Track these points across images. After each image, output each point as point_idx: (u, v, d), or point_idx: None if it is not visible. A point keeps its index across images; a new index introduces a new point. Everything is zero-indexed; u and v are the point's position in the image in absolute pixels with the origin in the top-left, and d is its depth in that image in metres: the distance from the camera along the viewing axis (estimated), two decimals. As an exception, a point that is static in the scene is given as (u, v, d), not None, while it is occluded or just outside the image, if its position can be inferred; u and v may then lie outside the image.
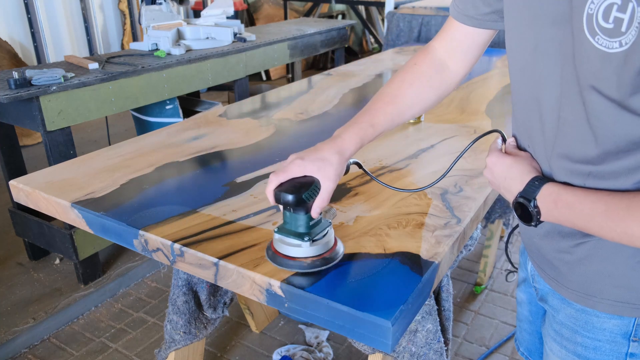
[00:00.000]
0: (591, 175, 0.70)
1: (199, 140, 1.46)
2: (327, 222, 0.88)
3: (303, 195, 0.80)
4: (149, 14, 2.72)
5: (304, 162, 0.84)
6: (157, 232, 0.97)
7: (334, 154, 0.85)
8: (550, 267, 0.84)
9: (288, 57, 3.43)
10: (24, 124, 2.12)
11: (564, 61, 0.68)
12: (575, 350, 0.85)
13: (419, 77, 0.96)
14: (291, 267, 0.84)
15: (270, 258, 0.87)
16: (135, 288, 2.39)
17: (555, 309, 0.87)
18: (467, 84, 2.09)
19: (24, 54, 4.23)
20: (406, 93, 0.95)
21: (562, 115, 0.71)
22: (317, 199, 0.82)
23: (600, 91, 0.62)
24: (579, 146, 0.70)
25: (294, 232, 0.84)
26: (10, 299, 2.29)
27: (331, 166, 0.84)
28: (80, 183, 1.18)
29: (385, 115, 0.93)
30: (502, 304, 2.26)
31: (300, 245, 0.84)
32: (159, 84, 2.52)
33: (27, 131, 3.95)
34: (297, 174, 0.83)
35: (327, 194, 0.84)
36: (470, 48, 0.95)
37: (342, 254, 0.89)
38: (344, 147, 0.87)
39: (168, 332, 1.49)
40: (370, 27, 6.12)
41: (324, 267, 0.84)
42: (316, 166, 0.83)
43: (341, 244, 0.91)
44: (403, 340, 1.10)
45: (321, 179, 0.83)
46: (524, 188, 0.75)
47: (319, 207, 0.83)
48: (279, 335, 2.06)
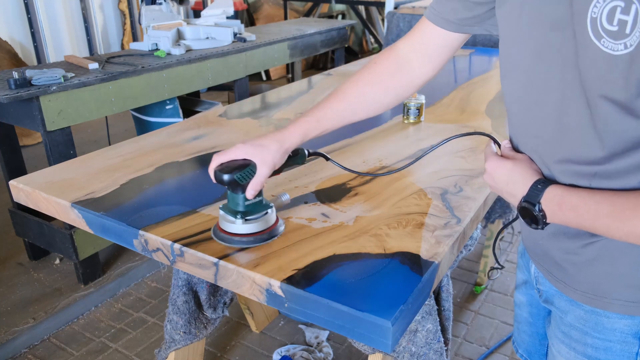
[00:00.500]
0: (597, 176, 0.70)
1: (199, 140, 1.46)
2: (268, 206, 0.95)
3: (235, 176, 0.88)
4: (149, 14, 2.72)
5: (244, 146, 0.91)
6: (157, 232, 0.97)
7: (274, 142, 0.92)
8: (558, 268, 0.84)
9: (288, 57, 3.43)
10: (24, 124, 2.12)
11: (565, 66, 0.67)
12: (585, 351, 0.84)
13: (375, 78, 0.97)
14: (227, 242, 0.92)
15: (213, 233, 0.96)
16: (135, 288, 2.39)
17: (563, 311, 0.87)
18: (467, 83, 2.09)
19: (24, 54, 4.23)
20: (360, 92, 0.97)
21: (565, 120, 0.70)
22: (251, 181, 0.90)
23: (606, 94, 0.62)
24: (584, 149, 0.69)
25: (232, 210, 0.93)
26: (10, 299, 2.29)
27: (269, 153, 0.91)
28: (80, 183, 1.18)
29: (334, 112, 0.96)
30: (502, 304, 2.26)
31: (234, 222, 0.92)
32: (159, 84, 2.52)
33: (27, 131, 3.95)
34: (237, 157, 0.91)
35: (261, 177, 0.90)
36: (442, 51, 0.96)
37: (279, 234, 0.96)
38: (285, 137, 0.93)
39: (168, 332, 1.49)
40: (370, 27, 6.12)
41: (256, 244, 0.92)
42: (255, 151, 0.90)
43: (282, 226, 0.98)
44: (403, 340, 1.10)
45: (258, 163, 0.90)
46: (527, 192, 0.75)
47: (252, 189, 0.90)
48: (279, 335, 2.06)
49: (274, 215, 0.97)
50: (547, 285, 0.90)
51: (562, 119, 0.71)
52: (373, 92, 0.97)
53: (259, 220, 0.93)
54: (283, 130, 0.94)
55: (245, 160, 0.91)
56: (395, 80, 0.98)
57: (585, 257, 0.77)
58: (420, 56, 0.97)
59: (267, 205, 0.96)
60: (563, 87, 0.69)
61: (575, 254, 0.78)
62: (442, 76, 2.25)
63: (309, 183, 1.19)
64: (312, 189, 1.16)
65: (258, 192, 0.92)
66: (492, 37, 2.91)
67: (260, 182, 0.91)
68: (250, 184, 0.90)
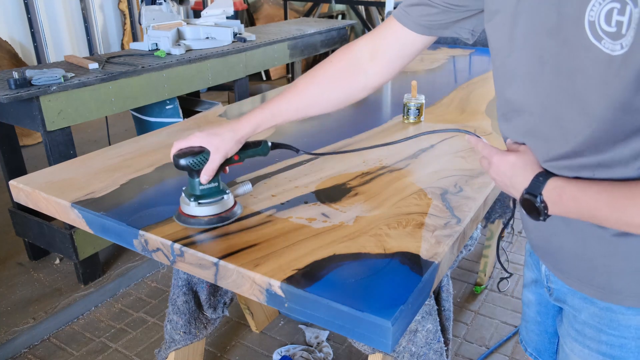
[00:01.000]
0: (600, 166, 0.71)
1: (199, 140, 1.46)
2: (224, 192, 1.01)
3: (188, 162, 0.95)
4: (149, 14, 2.72)
5: (201, 134, 0.97)
6: (157, 232, 0.97)
7: (228, 132, 0.98)
8: (571, 265, 0.84)
9: (288, 57, 3.43)
10: (24, 124, 2.12)
11: (562, 69, 0.69)
12: (599, 349, 0.85)
13: (329, 78, 1.00)
14: (184, 223, 0.99)
15: (175, 216, 1.02)
16: (135, 288, 2.39)
17: (577, 309, 0.87)
18: (467, 83, 2.09)
19: (24, 54, 4.23)
20: (313, 91, 1.00)
21: (568, 120, 0.71)
22: (205, 167, 0.96)
23: (605, 93, 0.64)
24: (586, 146, 0.71)
25: (189, 194, 1.00)
26: (10, 299, 2.29)
27: (222, 141, 0.97)
28: (80, 183, 1.18)
29: (287, 108, 1.01)
30: (502, 304, 2.25)
31: (189, 204, 0.99)
32: (159, 84, 2.52)
33: (27, 131, 3.95)
34: (194, 144, 0.97)
35: (213, 163, 0.96)
36: (404, 54, 0.96)
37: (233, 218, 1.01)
38: (238, 127, 0.99)
39: (168, 332, 1.49)
40: (370, 27, 6.12)
41: (209, 226, 0.98)
42: (209, 139, 0.96)
43: (239, 211, 1.04)
44: (403, 340, 1.10)
45: (211, 150, 0.96)
46: (529, 184, 0.76)
47: (205, 174, 0.97)
48: (279, 335, 2.06)
49: (231, 201, 1.02)
50: (559, 284, 0.91)
51: (564, 119, 0.72)
52: (325, 92, 1.00)
53: (212, 204, 0.99)
54: (237, 121, 1.00)
55: (201, 147, 0.96)
56: (347, 83, 1.00)
57: (600, 253, 0.78)
58: (378, 59, 0.97)
59: (223, 191, 1.01)
60: (562, 92, 0.70)
61: (593, 250, 0.79)
62: (442, 76, 2.25)
63: (309, 183, 1.19)
64: (312, 189, 1.16)
65: (212, 177, 0.98)
66: (492, 37, 2.90)
67: (213, 168, 0.97)
68: (203, 170, 0.97)
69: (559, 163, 0.76)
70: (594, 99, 0.66)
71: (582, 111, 0.68)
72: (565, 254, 0.85)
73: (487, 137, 1.46)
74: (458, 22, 0.91)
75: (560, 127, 0.73)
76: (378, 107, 1.84)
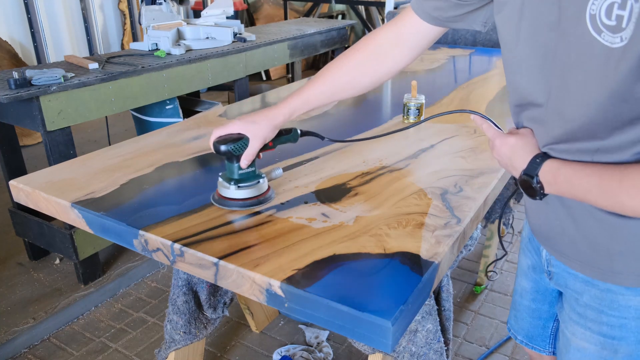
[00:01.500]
0: (599, 151, 0.75)
1: (199, 140, 1.46)
2: (260, 176, 1.09)
3: (230, 147, 1.02)
4: (149, 14, 2.72)
5: (239, 122, 1.04)
6: (157, 232, 0.97)
7: (265, 119, 1.05)
8: (573, 248, 0.88)
9: (288, 57, 3.43)
10: (24, 124, 2.12)
11: (562, 61, 0.72)
12: (600, 330, 0.89)
13: (355, 64, 1.06)
14: (223, 205, 1.06)
15: (212, 198, 1.09)
16: (135, 288, 2.39)
17: (578, 292, 0.91)
18: (467, 84, 2.09)
19: (24, 54, 4.23)
20: (343, 77, 1.07)
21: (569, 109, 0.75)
22: (244, 153, 1.03)
23: (604, 84, 0.67)
24: (583, 132, 0.75)
25: (228, 178, 1.07)
26: (10, 299, 2.29)
27: (259, 128, 1.04)
28: (80, 183, 1.18)
29: (318, 94, 1.07)
30: (502, 304, 2.26)
31: (229, 188, 1.06)
32: (159, 84, 2.52)
33: (27, 131, 3.95)
34: (233, 131, 1.04)
35: (252, 149, 1.04)
36: (421, 42, 1.02)
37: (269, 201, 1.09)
38: (274, 114, 1.06)
39: (168, 332, 1.49)
40: (370, 27, 6.12)
41: (246, 207, 1.05)
42: (247, 126, 1.04)
43: (273, 195, 1.11)
44: (403, 340, 1.10)
45: (250, 137, 1.03)
46: (527, 165, 0.81)
47: (245, 159, 1.04)
48: (279, 335, 2.06)
49: (266, 185, 1.10)
50: (560, 267, 0.94)
51: (564, 106, 0.76)
52: (355, 76, 1.06)
53: (250, 188, 1.06)
54: (273, 108, 1.06)
55: (240, 134, 1.03)
56: (372, 68, 1.05)
57: (601, 236, 0.81)
58: (399, 45, 1.03)
59: (259, 175, 1.09)
60: (564, 81, 0.74)
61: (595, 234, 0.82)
62: (442, 76, 2.25)
63: (309, 183, 1.19)
64: (312, 189, 1.16)
65: (250, 162, 1.05)
66: (492, 37, 2.90)
67: (252, 153, 1.04)
68: (243, 155, 1.04)
69: (558, 146, 0.79)
70: (592, 88, 0.69)
71: (581, 100, 0.72)
72: (566, 237, 0.88)
73: (487, 137, 1.46)
74: (469, 15, 0.94)
75: (559, 114, 0.77)
76: (378, 107, 1.84)
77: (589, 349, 0.92)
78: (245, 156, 1.04)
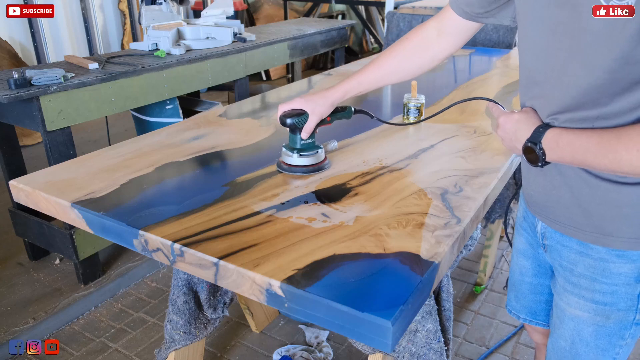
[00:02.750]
0: (599, 118, 0.81)
1: (199, 140, 1.46)
2: (318, 147, 1.25)
3: (293, 121, 1.19)
4: (149, 14, 2.72)
5: (300, 99, 1.20)
6: (157, 232, 0.97)
7: (322, 98, 1.21)
8: (567, 215, 0.95)
9: (288, 57, 3.43)
10: (24, 124, 2.12)
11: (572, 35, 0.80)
12: (593, 297, 0.96)
13: (404, 50, 1.20)
14: (285, 170, 1.23)
15: (277, 166, 1.26)
16: (135, 288, 2.39)
17: (573, 263, 0.98)
18: (467, 84, 2.09)
19: (24, 54, 4.23)
20: (391, 62, 1.21)
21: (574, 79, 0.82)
22: (305, 126, 1.20)
23: (610, 47, 0.74)
24: (587, 99, 0.81)
25: (291, 147, 1.24)
26: (10, 299, 2.29)
27: (317, 105, 1.20)
28: (80, 183, 1.18)
29: (370, 77, 1.21)
30: (502, 304, 2.25)
31: (292, 156, 1.22)
32: (159, 84, 2.52)
33: (27, 131, 3.95)
34: (295, 107, 1.20)
35: (312, 123, 1.20)
36: (460, 34, 1.15)
37: (326, 168, 1.25)
38: (330, 94, 1.21)
39: (168, 332, 1.49)
40: (370, 27, 6.12)
41: (307, 173, 1.22)
42: (307, 104, 1.19)
43: (329, 163, 1.27)
44: (403, 340, 1.10)
45: (309, 112, 1.19)
46: (530, 135, 0.89)
47: (305, 132, 1.20)
48: (279, 335, 2.06)
49: (323, 155, 1.26)
50: (555, 239, 1.01)
51: (567, 75, 0.83)
52: (401, 62, 1.20)
53: (310, 156, 1.23)
54: (329, 89, 1.21)
55: (301, 110, 1.19)
56: (419, 55, 1.19)
57: (594, 202, 0.89)
58: (443, 36, 1.16)
59: (317, 146, 1.25)
60: (570, 52, 0.81)
61: (588, 200, 0.90)
62: (442, 76, 2.25)
63: (309, 183, 1.19)
64: (312, 189, 1.16)
65: (310, 134, 1.21)
66: (492, 37, 2.91)
67: (311, 127, 1.20)
68: (304, 128, 1.20)
69: (562, 116, 0.86)
70: (599, 52, 0.76)
71: (585, 65, 0.79)
72: (562, 205, 0.95)
73: (487, 137, 1.46)
74: (498, 10, 1.06)
75: (562, 83, 0.84)
76: (378, 107, 1.84)
77: (583, 316, 0.98)
78: (305, 129, 1.20)
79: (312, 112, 1.19)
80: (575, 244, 0.96)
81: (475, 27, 1.13)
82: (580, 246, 0.95)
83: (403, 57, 1.20)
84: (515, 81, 2.11)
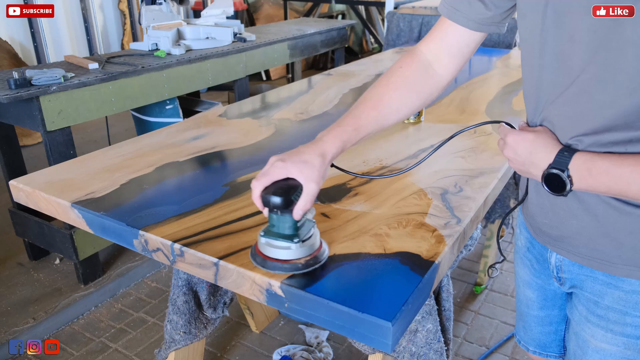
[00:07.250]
0: (632, 142, 0.72)
1: (199, 140, 1.46)
2: (311, 222, 0.87)
3: (292, 197, 0.80)
4: (149, 14, 2.72)
5: (285, 164, 0.82)
6: (157, 232, 0.97)
7: (317, 157, 0.83)
8: (591, 248, 0.84)
9: (288, 57, 3.43)
10: (24, 124, 2.12)
11: (598, 47, 0.70)
12: (623, 331, 0.86)
13: (403, 82, 0.95)
14: (285, 270, 0.83)
15: (259, 264, 0.85)
16: (135, 288, 2.39)
17: (599, 295, 0.88)
18: (467, 84, 2.09)
19: (24, 54, 4.23)
20: (391, 98, 0.94)
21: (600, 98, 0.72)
22: (300, 201, 0.81)
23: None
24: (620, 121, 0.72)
25: (282, 235, 0.83)
26: (10, 299, 2.29)
27: (314, 168, 0.82)
28: (80, 183, 1.18)
29: (369, 120, 0.91)
30: (502, 304, 2.26)
31: (290, 247, 0.83)
32: (159, 84, 2.52)
33: (27, 131, 3.95)
34: (279, 177, 0.82)
35: (311, 196, 0.82)
36: (462, 50, 0.95)
37: (328, 250, 0.90)
38: (325, 149, 0.85)
39: (168, 332, 1.49)
40: (370, 27, 6.12)
41: (317, 265, 0.85)
42: (298, 168, 0.81)
43: (324, 241, 0.91)
44: (403, 340, 1.10)
45: (304, 181, 0.81)
46: (554, 159, 0.76)
47: (301, 210, 0.82)
48: (279, 335, 2.06)
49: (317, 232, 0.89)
50: (574, 272, 0.91)
51: (600, 93, 0.73)
52: (402, 97, 0.95)
53: (311, 240, 0.86)
54: (321, 143, 0.86)
55: (289, 179, 0.82)
56: (421, 85, 0.96)
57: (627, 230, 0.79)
58: (440, 58, 0.96)
59: (311, 222, 0.88)
60: (606, 67, 0.71)
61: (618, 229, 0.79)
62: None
63: (309, 183, 1.18)
64: (312, 189, 1.16)
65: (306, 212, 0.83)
66: (491, 37, 2.91)
67: (310, 201, 0.82)
68: (298, 205, 0.81)
69: (587, 138, 0.76)
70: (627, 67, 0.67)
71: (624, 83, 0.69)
72: (584, 236, 0.84)
73: (487, 137, 1.46)
74: (503, 19, 0.92)
75: (595, 101, 0.73)
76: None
77: (610, 350, 0.89)
78: (301, 206, 0.81)
79: (308, 180, 0.81)
80: (601, 275, 0.86)
81: (479, 38, 0.94)
82: (608, 278, 0.85)
83: (402, 91, 0.95)
84: (515, 81, 2.11)
